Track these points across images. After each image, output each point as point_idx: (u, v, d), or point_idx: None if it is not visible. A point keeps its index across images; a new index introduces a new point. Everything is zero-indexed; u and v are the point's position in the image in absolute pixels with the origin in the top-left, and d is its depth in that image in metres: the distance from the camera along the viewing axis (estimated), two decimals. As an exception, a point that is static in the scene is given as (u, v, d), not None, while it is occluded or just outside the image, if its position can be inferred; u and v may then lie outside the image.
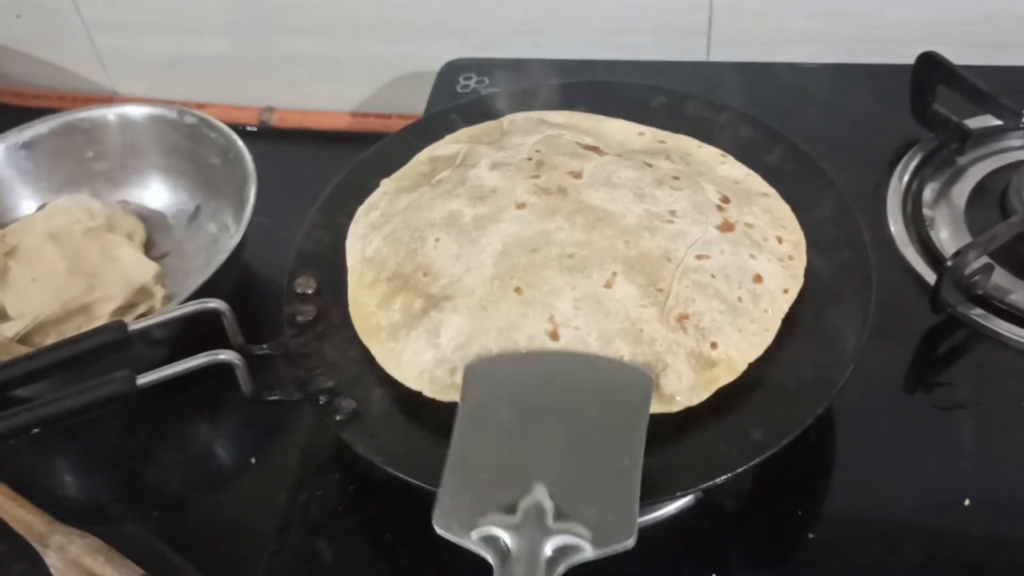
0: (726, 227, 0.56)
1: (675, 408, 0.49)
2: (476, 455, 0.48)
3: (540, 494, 0.45)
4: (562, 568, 0.43)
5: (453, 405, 0.51)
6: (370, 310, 0.56)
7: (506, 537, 0.44)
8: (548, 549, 0.43)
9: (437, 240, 0.57)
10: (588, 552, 0.43)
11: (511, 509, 0.45)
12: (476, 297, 0.53)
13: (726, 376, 0.50)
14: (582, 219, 0.55)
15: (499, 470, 0.47)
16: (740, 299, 0.53)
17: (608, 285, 0.52)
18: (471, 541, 0.44)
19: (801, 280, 0.55)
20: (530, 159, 0.61)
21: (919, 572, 0.52)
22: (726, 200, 0.58)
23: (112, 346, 0.56)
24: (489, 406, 0.50)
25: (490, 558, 0.44)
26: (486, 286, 0.53)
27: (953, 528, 0.53)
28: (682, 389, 0.50)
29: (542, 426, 0.49)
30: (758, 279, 0.54)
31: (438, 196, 0.60)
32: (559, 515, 0.44)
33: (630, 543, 0.44)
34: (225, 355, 0.54)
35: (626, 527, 0.44)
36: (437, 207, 0.59)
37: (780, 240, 0.57)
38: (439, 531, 0.45)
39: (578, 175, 0.59)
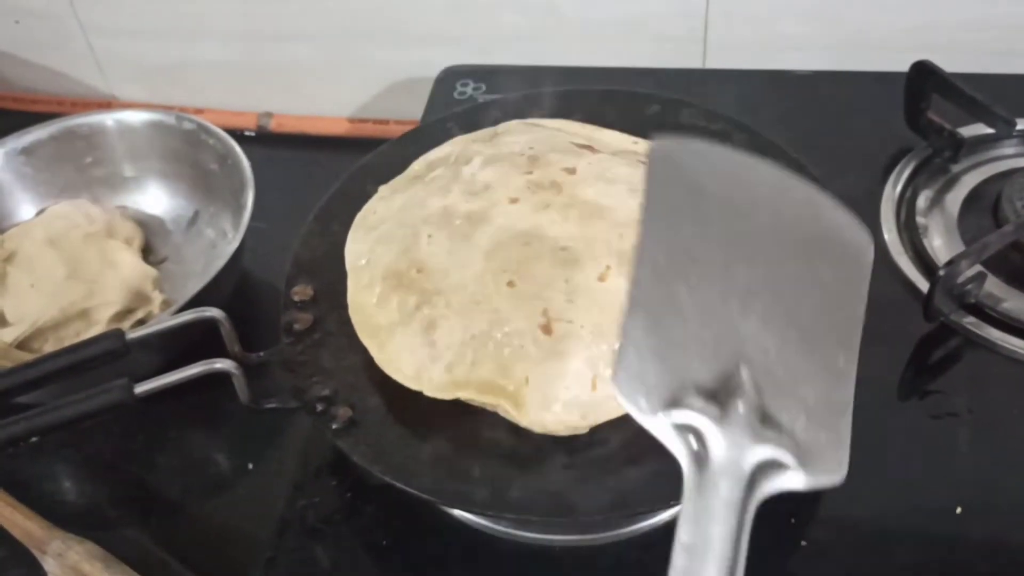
0: None
1: None
2: (667, 288, 0.36)
3: (746, 379, 0.33)
4: (760, 496, 0.33)
5: (449, 412, 0.51)
6: (369, 311, 0.55)
7: (707, 433, 0.33)
8: (752, 459, 0.33)
9: (430, 236, 0.56)
10: (793, 479, 0.33)
11: (712, 394, 0.33)
12: (468, 291, 0.53)
13: None
14: (576, 213, 0.55)
15: (698, 325, 0.35)
16: None
17: (602, 278, 0.52)
18: (663, 426, 0.33)
19: None
20: (523, 155, 0.61)
21: (911, 580, 0.52)
22: None
23: (109, 355, 0.56)
24: (684, 218, 0.37)
25: (682, 457, 0.33)
26: (478, 280, 0.53)
27: (945, 536, 0.54)
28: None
29: (746, 266, 0.36)
30: None
31: (431, 193, 0.60)
32: (765, 418, 0.33)
33: (839, 479, 0.33)
34: (222, 364, 0.54)
35: (838, 456, 0.33)
36: (430, 203, 0.59)
37: None
38: (622, 401, 0.34)
39: (572, 171, 0.59)
